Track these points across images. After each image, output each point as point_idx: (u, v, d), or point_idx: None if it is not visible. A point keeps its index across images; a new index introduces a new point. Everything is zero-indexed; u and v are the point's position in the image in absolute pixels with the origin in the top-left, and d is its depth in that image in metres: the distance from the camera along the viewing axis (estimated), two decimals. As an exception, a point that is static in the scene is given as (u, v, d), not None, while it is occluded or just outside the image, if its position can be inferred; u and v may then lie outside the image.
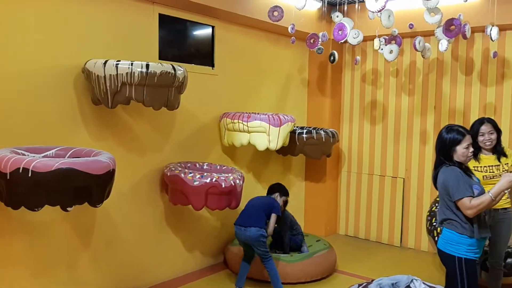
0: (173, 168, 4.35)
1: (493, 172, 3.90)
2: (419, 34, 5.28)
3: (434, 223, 4.76)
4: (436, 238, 4.53)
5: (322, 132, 5.62)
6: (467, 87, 5.63)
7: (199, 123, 5.00)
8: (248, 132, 4.86)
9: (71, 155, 3.42)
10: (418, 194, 6.02)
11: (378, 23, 4.69)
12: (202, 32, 5.11)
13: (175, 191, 4.39)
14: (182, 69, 3.89)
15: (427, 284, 3.22)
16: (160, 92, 3.78)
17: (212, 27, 5.09)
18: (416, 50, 5.04)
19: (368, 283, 3.29)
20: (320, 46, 5.36)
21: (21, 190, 2.91)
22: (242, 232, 4.31)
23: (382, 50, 5.05)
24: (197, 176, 4.18)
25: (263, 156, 5.78)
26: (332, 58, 5.77)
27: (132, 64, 3.58)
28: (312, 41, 5.25)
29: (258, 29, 5.59)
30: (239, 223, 4.37)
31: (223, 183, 4.19)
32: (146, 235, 4.54)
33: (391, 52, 4.98)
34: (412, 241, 6.10)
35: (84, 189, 3.03)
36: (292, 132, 5.33)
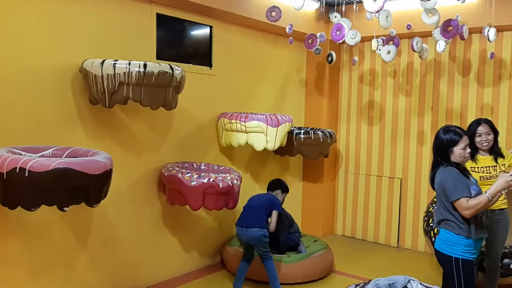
0: (170, 168, 4.34)
1: (490, 173, 3.91)
2: (416, 34, 5.29)
3: (431, 223, 4.77)
4: (433, 238, 4.55)
5: (320, 133, 5.62)
6: (464, 88, 5.65)
7: (196, 123, 5.00)
8: (246, 132, 4.86)
9: (68, 155, 3.40)
10: (415, 195, 6.02)
11: (376, 24, 4.69)
12: (200, 32, 5.10)
13: (172, 191, 4.38)
14: (180, 69, 3.88)
15: (424, 284, 3.22)
16: (158, 92, 3.77)
17: (210, 27, 5.09)
18: (413, 50, 5.05)
19: (365, 284, 3.28)
20: (318, 47, 5.37)
21: (17, 190, 2.90)
22: (244, 233, 4.30)
23: (379, 50, 5.05)
24: (194, 176, 4.18)
25: (261, 157, 5.78)
26: (330, 59, 5.78)
27: (129, 63, 3.57)
28: (310, 41, 5.26)
29: (256, 29, 5.59)
30: (240, 224, 4.35)
31: (220, 183, 4.19)
32: (144, 235, 4.54)
33: (389, 52, 4.99)
34: (409, 241, 6.11)
35: (81, 189, 3.02)
36: (290, 133, 5.32)
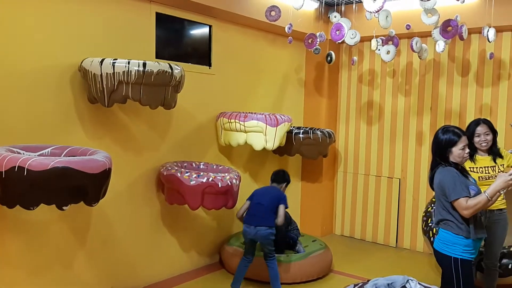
0: (169, 168, 4.34)
1: (488, 173, 3.92)
2: (416, 35, 5.29)
3: (429, 223, 4.76)
4: (432, 238, 4.55)
5: (319, 132, 5.62)
6: (463, 88, 5.65)
7: (196, 123, 4.99)
8: (245, 131, 4.86)
9: (67, 154, 3.40)
10: (414, 195, 6.03)
11: (375, 24, 4.69)
12: (199, 31, 5.10)
13: (171, 191, 4.38)
14: (179, 68, 3.88)
15: (423, 284, 3.22)
16: (157, 91, 3.77)
17: (209, 26, 5.08)
18: (413, 51, 5.06)
19: (364, 283, 3.28)
20: (318, 46, 5.37)
21: (16, 188, 2.89)
22: (251, 231, 4.28)
23: (379, 50, 5.06)
24: (193, 176, 4.17)
25: (260, 156, 5.78)
26: (329, 59, 5.78)
27: (129, 62, 3.56)
28: (310, 41, 5.26)
29: (255, 28, 5.59)
30: (249, 222, 4.33)
31: (219, 183, 4.19)
32: (142, 234, 4.53)
33: (388, 52, 4.99)
34: (408, 241, 6.11)
35: (80, 188, 3.02)
36: (289, 132, 5.32)
